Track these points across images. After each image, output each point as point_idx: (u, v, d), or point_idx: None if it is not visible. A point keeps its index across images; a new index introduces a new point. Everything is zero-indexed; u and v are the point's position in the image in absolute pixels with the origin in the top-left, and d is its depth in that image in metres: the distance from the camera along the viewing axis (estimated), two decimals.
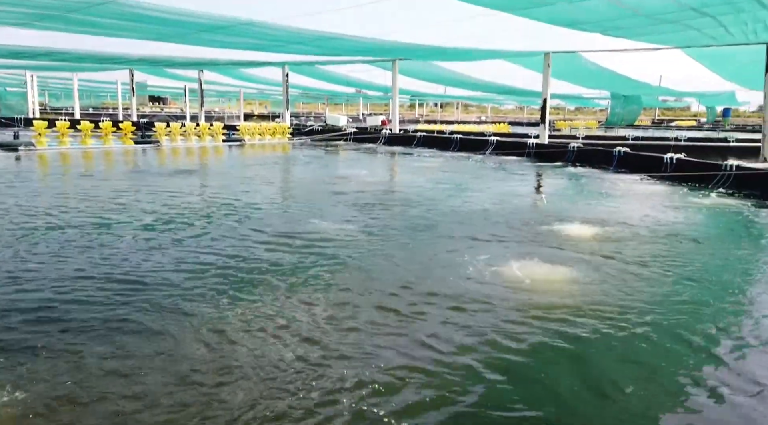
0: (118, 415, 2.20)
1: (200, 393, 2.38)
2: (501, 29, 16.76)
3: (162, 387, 2.41)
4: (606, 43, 11.99)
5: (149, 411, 2.23)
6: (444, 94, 35.09)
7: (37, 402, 2.28)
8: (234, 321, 3.12)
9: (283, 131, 18.81)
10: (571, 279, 3.99)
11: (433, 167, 11.84)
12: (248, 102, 51.34)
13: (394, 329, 3.08)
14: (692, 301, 3.60)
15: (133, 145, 15.26)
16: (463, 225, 5.78)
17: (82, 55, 16.58)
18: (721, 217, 6.74)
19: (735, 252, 5.04)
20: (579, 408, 2.36)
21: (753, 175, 8.83)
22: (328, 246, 4.77)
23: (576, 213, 6.58)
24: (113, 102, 46.88)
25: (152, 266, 4.13)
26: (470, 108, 65.98)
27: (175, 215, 6.02)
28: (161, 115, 34.60)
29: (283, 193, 8.28)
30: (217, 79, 27.36)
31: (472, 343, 2.90)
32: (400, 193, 8.29)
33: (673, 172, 10.14)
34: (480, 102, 50.00)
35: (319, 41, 13.31)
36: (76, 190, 7.74)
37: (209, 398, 2.34)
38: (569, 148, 13.25)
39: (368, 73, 23.32)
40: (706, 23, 9.40)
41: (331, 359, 2.70)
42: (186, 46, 14.56)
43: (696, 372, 2.67)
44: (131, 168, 11.06)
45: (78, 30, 12.29)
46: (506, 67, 18.11)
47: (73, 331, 2.96)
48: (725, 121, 39.45)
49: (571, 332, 3.05)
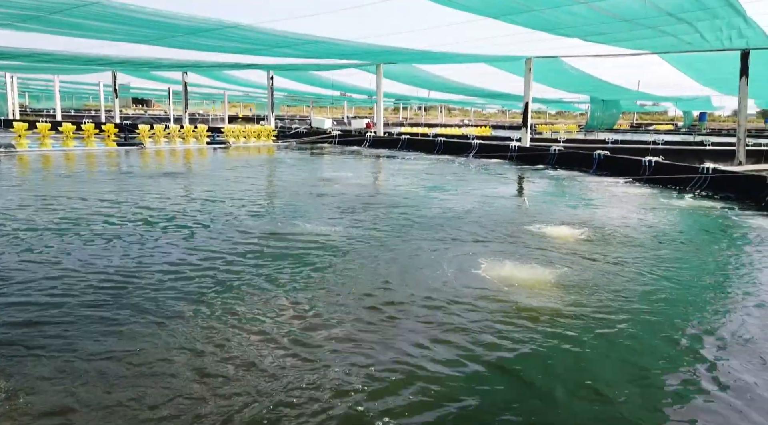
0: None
1: (176, 391, 2.43)
2: (484, 35, 17.05)
3: (142, 389, 2.46)
4: (586, 48, 12.25)
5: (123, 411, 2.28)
6: (428, 97, 35.33)
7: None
8: (215, 323, 3.17)
9: (268, 134, 18.80)
10: (552, 279, 4.11)
11: (418, 170, 11.95)
12: (233, 104, 51.12)
13: (375, 328, 3.17)
14: (670, 299, 3.74)
15: (116, 147, 15.14)
16: (447, 226, 5.89)
17: (64, 56, 16.40)
18: (698, 219, 6.95)
19: (712, 252, 5.22)
20: (565, 407, 2.46)
21: (728, 178, 9.09)
22: (312, 248, 4.84)
23: (558, 215, 6.73)
24: (95, 104, 46.34)
25: (133, 268, 4.16)
26: (453, 111, 66.45)
27: (156, 217, 6.03)
28: (145, 117, 34.27)
29: (268, 196, 8.32)
30: (201, 82, 27.24)
31: (454, 342, 2.99)
32: (386, 196, 8.38)
33: (651, 174, 10.39)
34: (463, 105, 50.44)
35: (303, 45, 13.36)
36: (56, 192, 7.69)
37: (188, 396, 2.40)
38: (551, 151, 13.47)
39: (353, 77, 23.41)
40: (683, 29, 9.67)
41: (314, 359, 2.77)
42: (170, 49, 14.51)
43: (678, 367, 2.79)
44: (114, 170, 10.99)
45: (60, 32, 12.18)
46: (489, 71, 18.34)
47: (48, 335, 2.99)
48: (701, 125, 40.30)
49: (554, 330, 3.16)
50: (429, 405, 2.34)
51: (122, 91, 29.62)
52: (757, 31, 9.55)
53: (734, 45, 11.00)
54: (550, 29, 10.32)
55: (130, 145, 15.62)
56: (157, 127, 16.28)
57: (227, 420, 2.19)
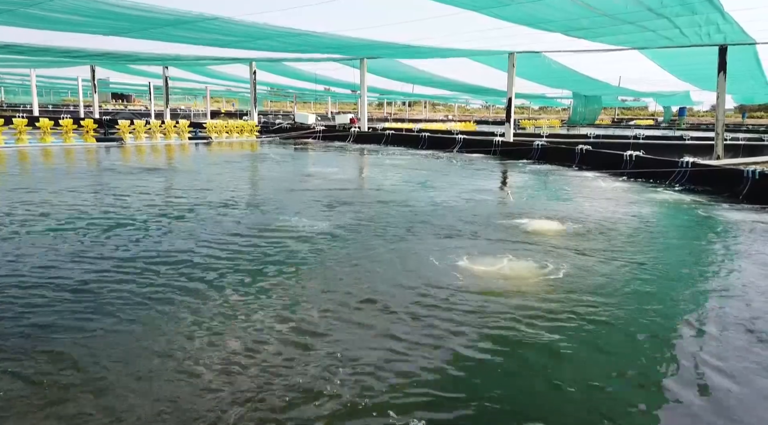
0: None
1: (160, 388, 2.40)
2: (468, 29, 17.12)
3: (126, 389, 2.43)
4: (569, 43, 12.34)
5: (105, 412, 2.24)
6: (412, 92, 35.33)
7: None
8: (199, 318, 3.14)
9: (251, 129, 18.64)
10: (536, 271, 4.14)
11: (403, 165, 11.95)
12: (215, 99, 50.58)
13: (361, 321, 3.16)
14: (649, 289, 3.79)
15: (95, 143, 14.89)
16: (431, 220, 5.90)
17: (38, 48, 16.04)
18: (678, 211, 7.05)
19: (690, 244, 5.31)
20: (549, 399, 2.48)
21: (707, 172, 9.24)
22: (296, 244, 4.81)
23: (541, 209, 6.78)
24: (74, 99, 45.53)
25: (112, 265, 4.09)
26: (437, 106, 66.57)
27: (137, 214, 5.95)
28: (125, 113, 33.72)
29: (252, 192, 8.25)
30: (182, 76, 26.89)
31: (438, 334, 3.00)
32: (371, 191, 8.36)
33: (632, 168, 10.52)
34: (446, 100, 50.53)
35: (286, 38, 13.26)
36: (35, 188, 7.54)
37: (171, 393, 2.37)
38: (534, 146, 13.57)
39: (337, 71, 23.31)
40: (662, 25, 9.79)
41: (303, 349, 2.76)
42: (149, 42, 14.29)
43: (659, 356, 2.83)
44: (94, 166, 10.80)
45: (35, 25, 11.91)
46: (472, 66, 18.39)
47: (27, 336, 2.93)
48: (681, 120, 40.89)
49: (538, 323, 3.18)
50: (421, 397, 2.34)
51: (101, 85, 29.16)
52: (734, 26, 9.70)
53: (712, 40, 11.17)
54: (532, 24, 10.37)
55: (110, 141, 15.36)
56: (137, 123, 16.03)
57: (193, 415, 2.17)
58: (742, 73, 15.85)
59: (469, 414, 2.24)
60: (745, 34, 10.44)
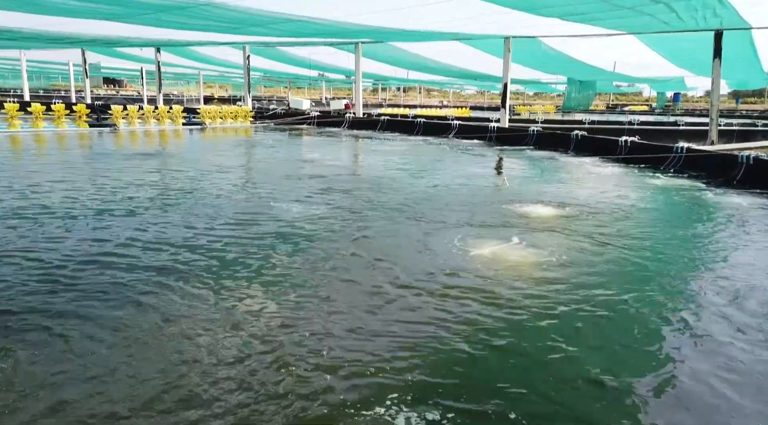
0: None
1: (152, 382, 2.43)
2: (464, 15, 16.94)
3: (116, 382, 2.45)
4: (565, 27, 12.28)
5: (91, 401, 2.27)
6: (407, 78, 35.13)
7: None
8: (195, 308, 3.16)
9: (245, 115, 18.52)
10: (533, 255, 4.17)
11: (398, 151, 11.94)
12: (208, 85, 50.15)
13: (360, 306, 3.19)
14: (647, 272, 3.84)
15: (88, 129, 14.76)
16: (428, 205, 5.92)
17: (29, 34, 15.80)
18: (673, 196, 7.10)
19: (685, 228, 5.36)
20: (546, 391, 2.52)
21: (701, 157, 9.29)
22: (292, 230, 4.82)
23: (537, 194, 6.81)
24: (65, 83, 45.00)
25: (107, 251, 4.10)
26: (432, 92, 66.32)
27: (132, 199, 5.93)
28: (117, 98, 33.40)
29: (247, 178, 8.23)
30: (175, 61, 26.58)
31: (435, 319, 3.03)
32: (367, 177, 8.36)
33: (627, 154, 10.56)
34: (442, 86, 50.35)
35: (281, 23, 13.12)
36: (27, 174, 7.49)
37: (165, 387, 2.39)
38: (529, 132, 13.56)
39: (331, 56, 23.12)
40: (659, 9, 9.75)
41: (300, 339, 2.79)
42: (141, 27, 14.09)
43: (661, 339, 2.88)
44: (88, 151, 10.73)
45: (26, 9, 11.72)
46: (468, 51, 18.29)
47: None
48: (675, 106, 40.97)
49: (537, 307, 3.22)
50: (419, 385, 2.37)
51: (93, 70, 28.79)
52: (730, 10, 9.68)
53: (709, 25, 11.15)
54: (529, 9, 10.31)
55: (103, 126, 15.23)
56: (131, 108, 15.90)
57: (182, 411, 2.19)
58: (737, 58, 15.85)
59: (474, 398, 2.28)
60: (741, 19, 10.43)
